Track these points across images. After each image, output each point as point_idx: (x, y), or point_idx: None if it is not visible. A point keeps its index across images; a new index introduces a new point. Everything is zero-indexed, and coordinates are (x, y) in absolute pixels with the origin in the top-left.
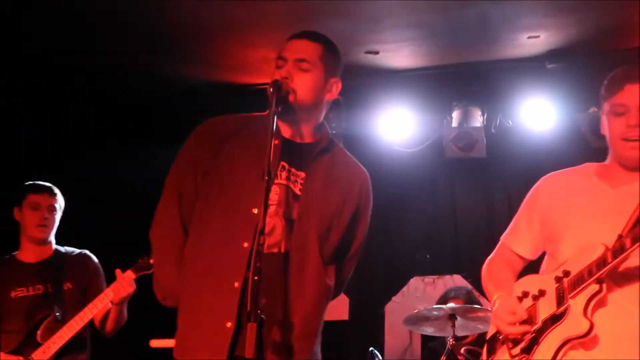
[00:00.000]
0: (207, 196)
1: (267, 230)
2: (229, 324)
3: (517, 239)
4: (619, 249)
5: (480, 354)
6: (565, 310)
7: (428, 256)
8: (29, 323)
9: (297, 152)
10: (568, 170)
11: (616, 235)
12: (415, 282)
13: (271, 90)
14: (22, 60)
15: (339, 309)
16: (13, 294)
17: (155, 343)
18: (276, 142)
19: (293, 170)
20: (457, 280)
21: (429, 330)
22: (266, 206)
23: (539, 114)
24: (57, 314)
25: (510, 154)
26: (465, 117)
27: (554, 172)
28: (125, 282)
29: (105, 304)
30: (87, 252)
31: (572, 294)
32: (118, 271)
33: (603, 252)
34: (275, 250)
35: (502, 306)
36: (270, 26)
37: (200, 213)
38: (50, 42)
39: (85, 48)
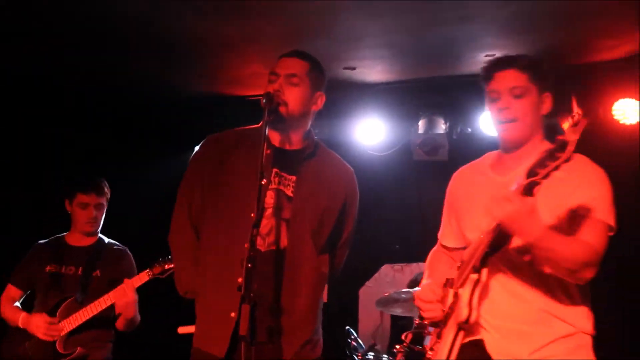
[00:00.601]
0: (214, 205)
1: (265, 230)
2: (232, 314)
3: (443, 232)
4: (486, 241)
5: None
6: (458, 298)
7: (397, 246)
8: (54, 298)
9: (288, 158)
10: (472, 163)
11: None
12: (385, 269)
13: (264, 101)
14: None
15: None
16: (48, 269)
17: (182, 330)
18: (268, 151)
19: (284, 174)
20: (423, 268)
21: (398, 311)
22: (260, 205)
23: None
24: (78, 296)
25: (469, 157)
26: (430, 125)
27: (462, 167)
28: (127, 289)
29: (105, 306)
30: (127, 249)
31: (461, 283)
32: (125, 279)
33: (479, 239)
34: (274, 247)
35: (420, 292)
36: (261, 45)
37: (209, 220)
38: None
39: (90, 54)
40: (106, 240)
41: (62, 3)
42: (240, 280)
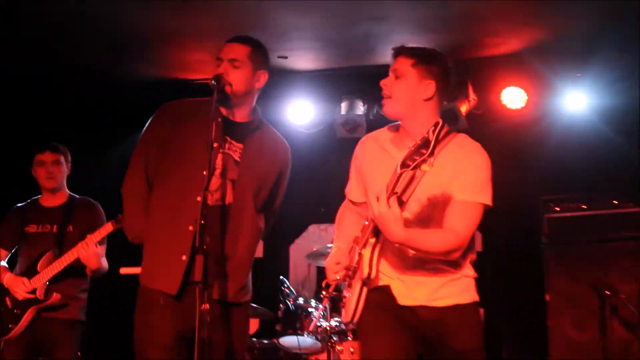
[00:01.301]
0: (168, 162)
1: (214, 187)
2: (184, 257)
3: (350, 189)
4: None
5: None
6: (361, 257)
7: (322, 209)
8: (34, 255)
9: (237, 129)
10: (375, 134)
11: None
12: (312, 229)
13: (213, 83)
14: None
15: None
16: (27, 229)
17: (124, 270)
18: (219, 120)
19: (233, 142)
20: None
21: (324, 263)
22: (211, 165)
23: None
24: (55, 250)
25: None
26: (351, 107)
27: (367, 135)
28: (89, 243)
29: (71, 260)
30: (98, 204)
31: (363, 245)
32: (88, 235)
33: (369, 197)
34: (221, 203)
35: (328, 260)
36: (203, 36)
37: (162, 174)
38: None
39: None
40: (77, 197)
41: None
42: (190, 228)
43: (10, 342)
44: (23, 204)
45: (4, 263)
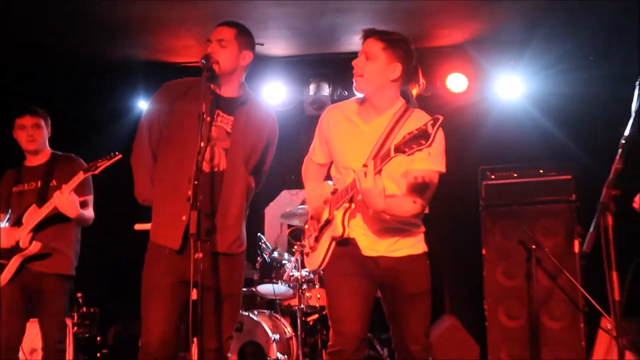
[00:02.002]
0: (168, 136)
1: (209, 156)
2: (184, 218)
3: (314, 151)
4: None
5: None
6: (332, 218)
7: (293, 177)
8: (20, 211)
9: (228, 103)
10: (341, 105)
11: (361, 164)
12: (284, 194)
13: (203, 62)
14: None
15: None
16: (14, 189)
17: (138, 226)
18: (211, 97)
19: (225, 115)
20: None
21: (295, 222)
22: (205, 136)
23: None
24: (39, 203)
25: None
26: (318, 88)
27: (334, 105)
28: (63, 192)
29: (50, 209)
30: (79, 158)
31: (336, 207)
32: (63, 184)
33: (352, 180)
34: (216, 169)
35: (314, 190)
36: (189, 23)
37: (164, 146)
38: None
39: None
40: (59, 154)
41: None
42: (189, 193)
43: (4, 289)
44: (9, 170)
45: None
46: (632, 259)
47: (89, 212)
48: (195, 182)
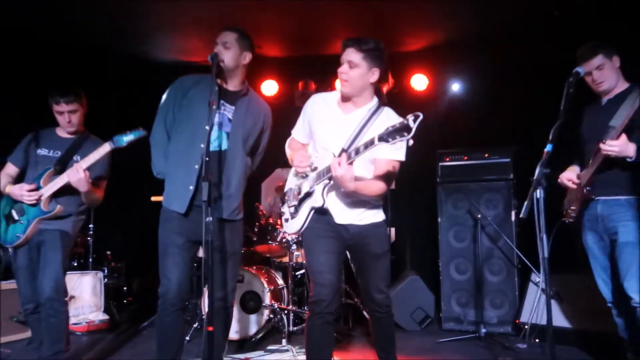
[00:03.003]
0: (180, 118)
1: (213, 137)
2: (191, 187)
3: (297, 131)
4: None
5: None
6: (313, 191)
7: (284, 157)
8: (38, 172)
9: (230, 95)
10: (327, 93)
11: (340, 148)
12: (278, 171)
13: (211, 59)
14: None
15: None
16: (38, 151)
17: (154, 198)
18: (217, 88)
19: (227, 105)
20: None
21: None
22: (211, 121)
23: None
24: (57, 168)
25: None
26: (306, 86)
27: (318, 94)
28: (78, 169)
29: (63, 183)
30: (105, 143)
31: (317, 183)
32: (80, 161)
33: (332, 161)
34: (219, 149)
35: (297, 154)
36: (200, 28)
37: (176, 128)
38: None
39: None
40: (89, 134)
41: None
42: (196, 166)
43: (18, 248)
44: (41, 130)
45: (11, 179)
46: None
47: (99, 193)
48: (207, 159)
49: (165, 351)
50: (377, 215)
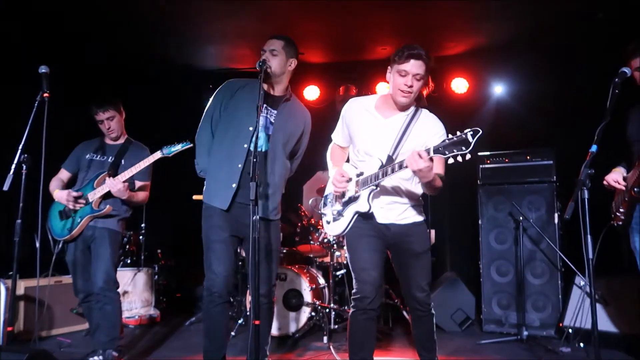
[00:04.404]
0: (225, 119)
1: (255, 139)
2: (234, 185)
3: (337, 135)
4: (387, 170)
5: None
6: (359, 196)
7: (325, 161)
8: (90, 175)
9: (274, 100)
10: (366, 97)
11: (385, 153)
12: (319, 174)
13: (258, 66)
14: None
15: None
16: (87, 156)
17: (195, 197)
18: (262, 92)
19: (270, 109)
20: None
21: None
22: (257, 123)
23: (384, 89)
24: (111, 172)
25: None
26: (347, 90)
27: (355, 98)
28: (116, 182)
29: (105, 190)
30: (147, 149)
31: (363, 188)
32: (119, 175)
33: (379, 169)
34: (261, 150)
35: (336, 173)
36: (247, 39)
37: (221, 128)
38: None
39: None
40: (133, 140)
41: None
42: (239, 165)
43: (69, 242)
44: (91, 140)
45: (61, 183)
46: (602, 228)
47: (143, 195)
48: (255, 160)
49: (213, 341)
50: (417, 215)
